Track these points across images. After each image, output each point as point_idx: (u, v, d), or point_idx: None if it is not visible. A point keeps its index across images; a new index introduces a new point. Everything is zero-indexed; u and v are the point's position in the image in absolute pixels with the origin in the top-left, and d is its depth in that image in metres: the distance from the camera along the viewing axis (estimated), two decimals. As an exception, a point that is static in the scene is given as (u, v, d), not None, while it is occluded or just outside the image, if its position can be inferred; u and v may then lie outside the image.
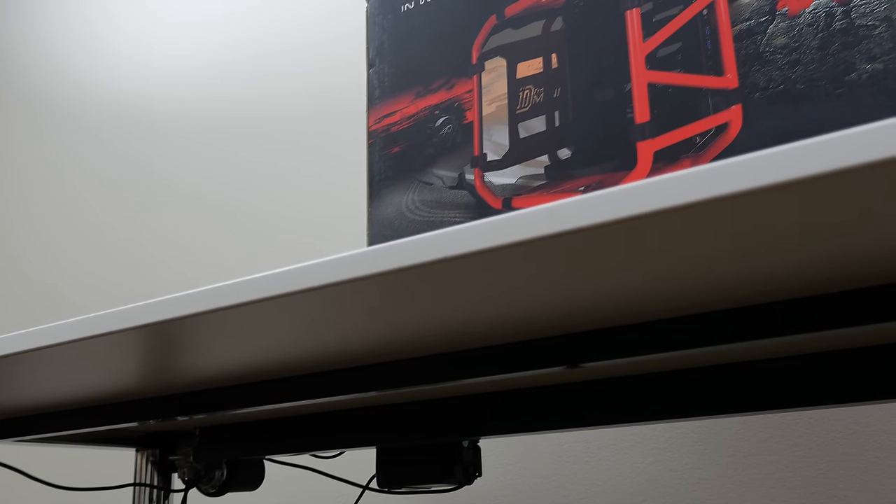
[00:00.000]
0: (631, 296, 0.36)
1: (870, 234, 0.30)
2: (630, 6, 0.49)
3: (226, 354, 0.49)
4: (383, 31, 0.60)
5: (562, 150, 0.50)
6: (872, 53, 0.41)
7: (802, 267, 0.33)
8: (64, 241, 1.49)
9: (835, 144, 0.24)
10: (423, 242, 0.33)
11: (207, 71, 1.37)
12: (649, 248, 0.29)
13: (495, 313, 0.39)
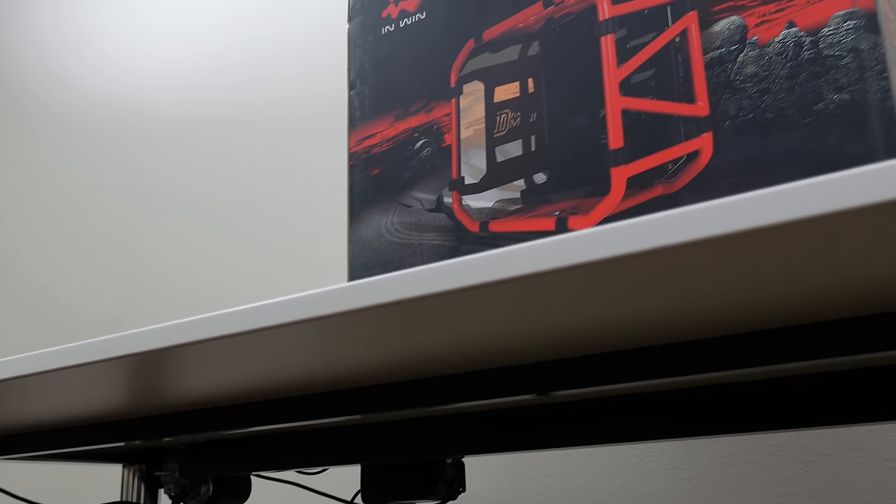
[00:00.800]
0: (591, 329, 0.36)
1: (851, 271, 0.30)
2: (604, 32, 0.50)
3: (212, 379, 0.50)
4: (364, 53, 0.60)
5: (537, 174, 0.50)
6: (839, 84, 0.41)
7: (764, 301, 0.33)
8: (57, 243, 1.50)
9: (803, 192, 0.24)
10: (396, 280, 0.33)
11: (199, 74, 1.38)
12: (593, 294, 0.29)
13: (468, 343, 0.40)
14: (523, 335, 0.37)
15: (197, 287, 1.27)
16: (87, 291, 1.42)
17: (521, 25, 0.53)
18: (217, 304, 1.23)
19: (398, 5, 0.59)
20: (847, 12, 0.42)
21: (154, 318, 1.29)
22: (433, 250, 0.53)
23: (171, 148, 1.38)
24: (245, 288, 1.21)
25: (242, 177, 1.27)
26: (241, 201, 1.26)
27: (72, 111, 1.56)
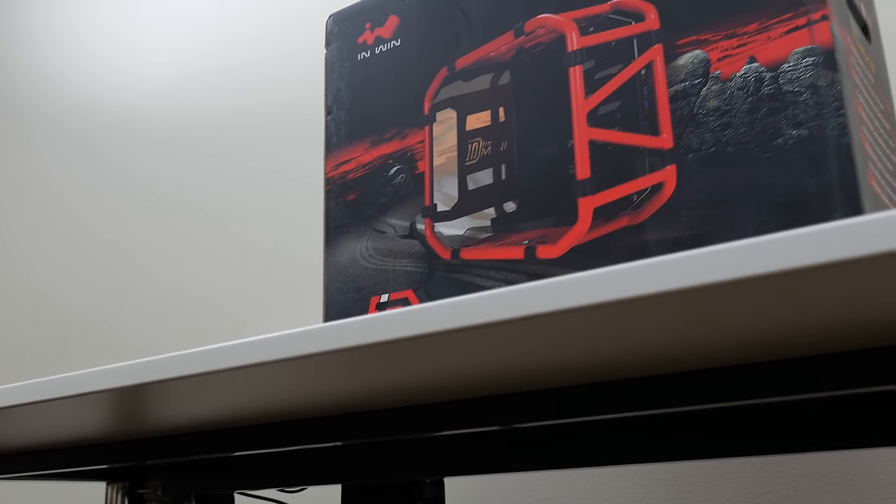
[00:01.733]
0: (543, 367, 0.37)
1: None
2: (573, 63, 0.50)
3: (193, 407, 0.51)
4: (340, 79, 0.61)
5: (507, 203, 0.51)
6: (798, 119, 0.42)
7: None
8: (49, 245, 1.50)
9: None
10: (371, 323, 0.34)
11: (191, 77, 1.39)
12: (545, 343, 0.30)
13: (439, 378, 0.40)
14: (508, 370, 0.38)
15: (187, 289, 1.27)
16: (78, 293, 1.42)
17: (492, 55, 0.54)
18: (209, 306, 1.23)
19: (374, 32, 0.60)
20: (806, 49, 0.42)
21: (146, 319, 1.29)
22: (406, 277, 0.54)
23: (163, 151, 1.38)
24: (237, 291, 1.22)
25: (235, 179, 1.28)
26: (234, 203, 1.27)
27: (64, 114, 1.57)
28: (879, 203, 0.43)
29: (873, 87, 0.50)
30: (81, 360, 1.36)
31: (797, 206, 0.41)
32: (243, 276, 1.22)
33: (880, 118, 0.50)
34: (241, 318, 1.18)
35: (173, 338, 1.25)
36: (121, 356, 1.30)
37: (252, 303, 1.19)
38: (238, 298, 1.20)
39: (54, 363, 1.40)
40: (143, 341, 1.28)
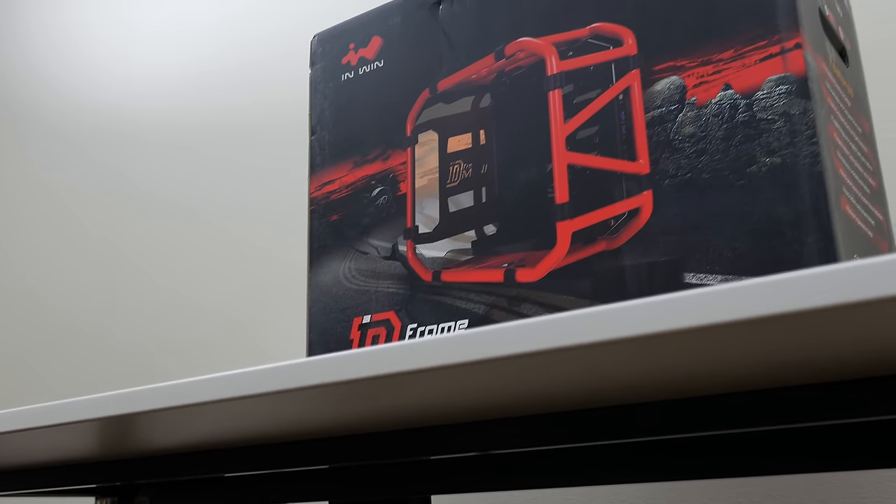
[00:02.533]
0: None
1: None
2: (552, 87, 0.51)
3: (180, 433, 0.51)
4: (325, 99, 0.61)
5: (487, 226, 0.51)
6: (771, 147, 0.42)
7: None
8: (45, 247, 1.51)
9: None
10: (349, 359, 0.34)
11: (186, 79, 1.39)
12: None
13: (436, 405, 0.41)
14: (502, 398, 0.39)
15: (185, 291, 1.27)
16: (73, 294, 1.42)
17: (473, 77, 0.54)
18: (205, 308, 1.24)
19: (357, 53, 0.60)
20: (779, 77, 0.43)
21: (141, 322, 1.30)
22: (388, 298, 0.54)
23: (158, 153, 1.38)
24: (233, 293, 1.22)
25: (231, 181, 1.28)
26: (230, 205, 1.27)
27: (59, 116, 1.57)
28: (853, 228, 0.44)
29: (850, 110, 0.51)
30: (77, 361, 1.36)
31: (771, 233, 0.41)
32: (240, 278, 1.22)
33: (857, 141, 0.51)
34: (238, 320, 1.19)
35: (169, 339, 1.25)
36: (116, 357, 1.30)
37: (248, 305, 1.19)
38: (234, 301, 1.21)
39: (51, 364, 1.40)
40: (138, 343, 1.29)
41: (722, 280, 0.42)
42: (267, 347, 1.11)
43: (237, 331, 1.17)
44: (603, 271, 0.46)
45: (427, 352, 0.26)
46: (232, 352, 1.15)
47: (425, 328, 0.52)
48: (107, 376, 1.29)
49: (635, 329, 0.27)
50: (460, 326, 0.50)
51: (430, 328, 0.52)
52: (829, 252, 0.40)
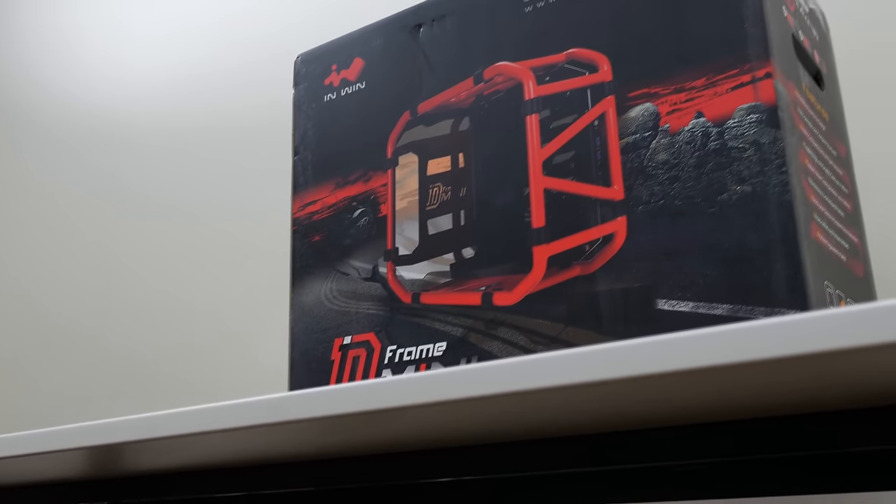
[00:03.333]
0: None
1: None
2: (529, 112, 0.51)
3: (166, 459, 0.51)
4: (307, 120, 0.62)
5: (466, 249, 0.52)
6: (742, 175, 0.43)
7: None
8: (39, 249, 1.51)
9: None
10: (327, 395, 0.34)
11: (179, 81, 1.39)
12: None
13: (422, 434, 0.41)
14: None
15: (180, 294, 1.28)
16: (67, 297, 1.43)
17: (453, 100, 0.55)
18: (199, 311, 1.24)
19: (340, 74, 0.61)
20: (750, 105, 0.43)
21: (135, 325, 1.30)
22: (368, 319, 0.55)
23: (152, 155, 1.39)
24: (228, 296, 1.22)
25: (226, 184, 1.29)
26: (226, 208, 1.27)
27: (53, 119, 1.57)
28: (824, 254, 0.44)
29: (824, 134, 0.51)
30: (71, 364, 1.36)
31: (741, 260, 0.42)
32: (234, 281, 1.22)
33: (832, 165, 0.51)
34: (230, 323, 1.19)
35: (162, 342, 1.25)
36: (110, 360, 1.31)
37: (242, 308, 1.19)
38: (228, 304, 1.21)
39: (44, 367, 1.40)
40: (132, 346, 1.29)
41: (693, 307, 0.43)
42: (259, 351, 1.12)
43: (230, 334, 1.18)
44: (578, 296, 0.46)
45: (394, 391, 0.27)
46: (224, 355, 1.15)
47: (404, 350, 0.52)
48: (101, 378, 1.30)
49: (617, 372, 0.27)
50: (438, 349, 0.51)
51: (409, 350, 0.52)
52: (798, 280, 0.40)
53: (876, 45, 0.73)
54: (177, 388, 1.18)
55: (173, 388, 1.18)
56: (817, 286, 0.42)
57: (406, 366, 0.52)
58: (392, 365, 0.52)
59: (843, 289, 0.47)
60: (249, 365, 1.12)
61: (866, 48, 0.74)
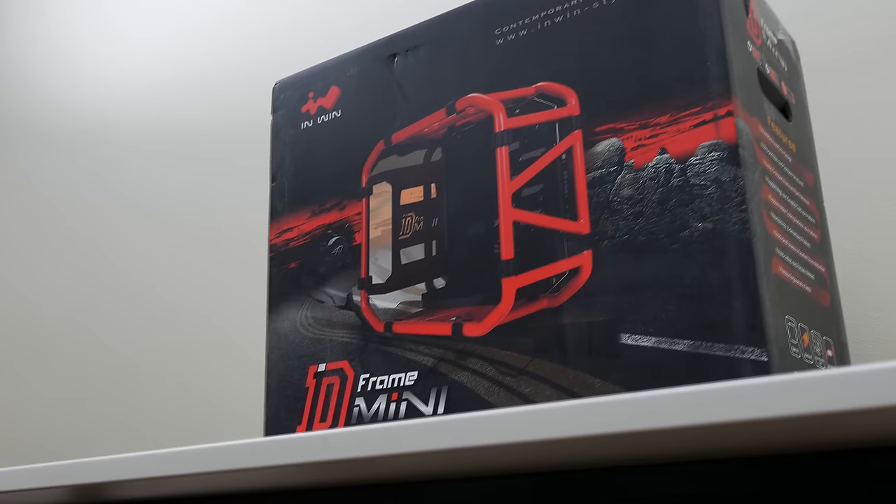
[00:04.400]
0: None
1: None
2: (499, 144, 0.52)
3: (152, 489, 0.52)
4: (284, 146, 0.62)
5: (437, 279, 0.52)
6: (703, 212, 0.43)
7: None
8: (31, 252, 1.51)
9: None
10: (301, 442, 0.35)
11: (171, 84, 1.40)
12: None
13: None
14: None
15: (169, 296, 1.28)
16: (57, 298, 1.43)
17: (426, 131, 0.55)
18: (192, 314, 1.24)
19: (317, 102, 0.62)
20: (712, 143, 0.44)
21: (127, 328, 1.30)
22: (342, 347, 0.55)
23: (143, 157, 1.39)
24: (220, 299, 1.23)
25: (218, 187, 1.29)
26: (220, 211, 1.28)
27: (44, 122, 1.58)
28: (786, 289, 0.45)
29: (791, 166, 0.52)
30: (61, 367, 1.37)
31: (702, 297, 0.42)
32: (226, 284, 1.23)
33: (798, 196, 0.52)
34: (223, 326, 1.19)
35: (153, 345, 1.26)
36: (101, 362, 1.31)
37: (234, 312, 1.20)
38: (220, 306, 1.21)
39: (33, 369, 1.41)
40: (123, 348, 1.29)
41: (656, 342, 0.43)
42: (251, 354, 1.12)
43: (220, 335, 1.18)
44: (545, 329, 0.47)
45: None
46: (216, 358, 1.16)
47: (377, 378, 0.53)
48: (92, 381, 1.30)
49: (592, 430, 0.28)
50: (410, 378, 0.51)
51: (381, 379, 0.53)
52: (756, 318, 0.41)
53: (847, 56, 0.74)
54: (169, 388, 1.19)
55: (165, 388, 1.19)
56: (777, 322, 0.42)
57: (378, 394, 0.52)
58: (365, 393, 0.53)
59: (807, 321, 0.47)
60: (241, 366, 1.12)
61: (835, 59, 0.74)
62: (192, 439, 1.12)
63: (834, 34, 0.75)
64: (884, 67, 0.72)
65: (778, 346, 0.41)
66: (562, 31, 0.51)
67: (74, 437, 1.29)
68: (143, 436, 1.18)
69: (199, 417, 1.13)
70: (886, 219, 0.69)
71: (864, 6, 0.74)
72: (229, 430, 1.09)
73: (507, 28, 0.53)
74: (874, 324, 0.68)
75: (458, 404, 0.49)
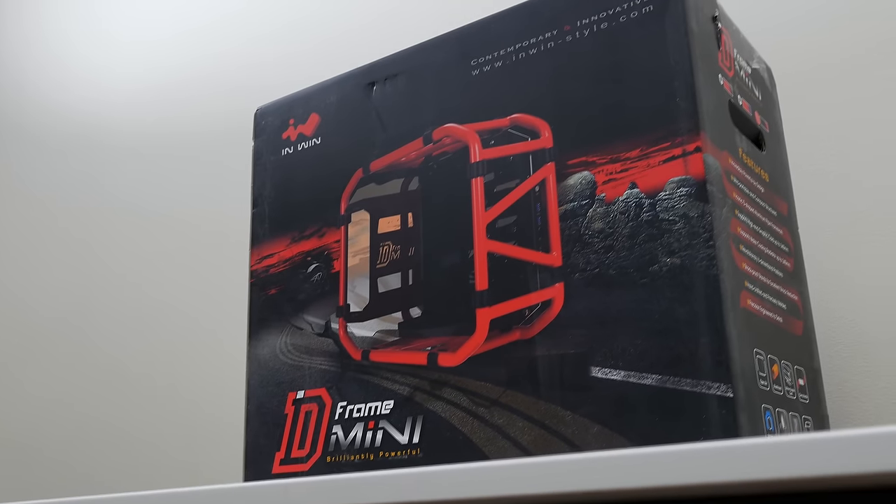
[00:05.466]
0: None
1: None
2: (475, 174, 0.52)
3: None
4: (265, 172, 0.63)
5: (413, 308, 0.53)
6: (672, 248, 0.44)
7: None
8: (24, 254, 1.52)
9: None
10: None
11: (160, 87, 1.40)
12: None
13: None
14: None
15: (163, 298, 1.28)
16: (51, 299, 1.44)
17: (403, 160, 0.56)
18: (185, 317, 1.25)
19: (297, 129, 0.62)
20: (680, 179, 0.44)
21: (120, 331, 1.31)
22: (321, 375, 0.56)
23: (135, 160, 1.40)
24: (214, 302, 1.23)
25: (211, 189, 1.30)
26: (214, 214, 1.28)
27: (35, 124, 1.59)
28: (755, 322, 0.45)
29: (764, 196, 0.52)
30: (55, 368, 1.37)
31: (669, 332, 0.43)
32: (219, 285, 1.23)
33: (770, 225, 0.52)
34: (215, 329, 1.20)
35: (145, 347, 1.26)
36: (93, 364, 1.31)
37: (228, 315, 1.20)
38: (213, 308, 1.22)
39: (28, 371, 1.41)
40: (115, 350, 1.30)
41: (625, 376, 0.44)
42: (241, 358, 1.13)
43: (212, 340, 1.18)
44: (517, 360, 0.48)
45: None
46: (206, 361, 1.17)
47: (354, 407, 0.53)
48: (84, 384, 1.31)
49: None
50: (386, 407, 0.52)
51: (358, 407, 0.53)
52: (723, 353, 0.41)
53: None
54: (159, 390, 1.19)
55: (156, 390, 1.19)
56: (745, 356, 0.43)
57: (356, 423, 0.53)
58: (342, 421, 0.54)
59: (778, 352, 0.48)
60: (233, 368, 1.13)
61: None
62: (180, 442, 1.12)
63: (804, 47, 0.76)
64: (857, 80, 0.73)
65: (744, 380, 0.42)
66: (536, 63, 0.51)
67: (64, 438, 1.30)
68: (133, 437, 1.19)
69: (188, 420, 1.13)
70: (852, 218, 0.69)
71: (828, 21, 0.75)
72: (217, 433, 1.10)
73: (483, 59, 0.54)
74: (849, 326, 0.68)
75: (432, 434, 0.50)
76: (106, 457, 1.22)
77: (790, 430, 0.46)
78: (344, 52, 1.17)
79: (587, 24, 0.50)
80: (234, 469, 1.07)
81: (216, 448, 1.09)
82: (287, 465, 0.55)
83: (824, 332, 0.69)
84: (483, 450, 0.47)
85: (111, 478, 1.19)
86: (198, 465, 1.10)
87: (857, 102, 0.73)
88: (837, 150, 0.73)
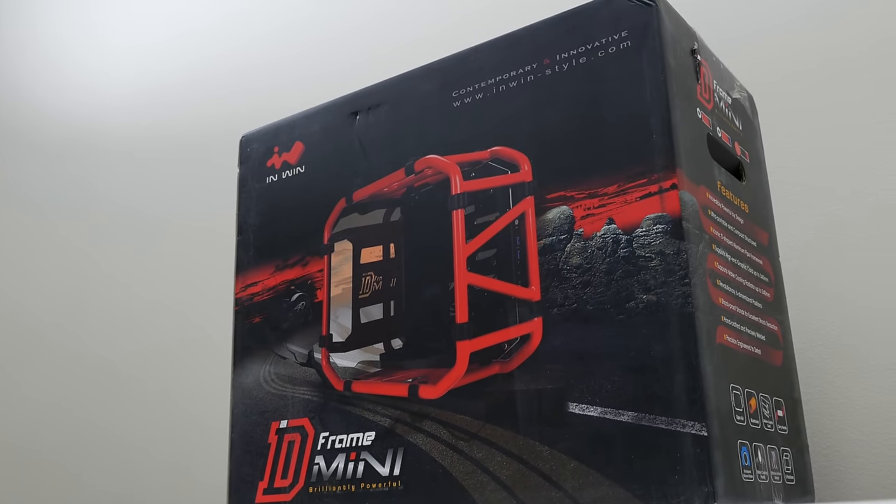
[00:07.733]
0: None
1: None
2: (456, 206, 0.53)
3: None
4: (250, 200, 0.63)
5: (395, 339, 0.53)
6: (648, 285, 0.44)
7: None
8: (20, 258, 1.52)
9: None
10: None
11: (155, 92, 1.41)
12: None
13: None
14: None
15: (159, 300, 1.28)
16: (47, 302, 1.44)
17: (385, 190, 0.56)
18: (180, 319, 1.25)
19: (281, 157, 0.62)
20: (657, 216, 0.45)
21: (115, 333, 1.31)
22: (304, 404, 0.56)
23: (130, 164, 1.40)
24: (210, 304, 1.23)
25: (207, 192, 1.30)
26: (210, 216, 1.28)
27: (31, 128, 1.59)
28: (732, 357, 0.46)
29: (743, 227, 0.53)
30: (50, 370, 1.37)
31: (645, 368, 0.43)
32: (214, 288, 1.23)
33: (749, 256, 0.53)
34: (210, 331, 1.20)
35: (139, 350, 1.26)
36: (87, 367, 1.31)
37: (223, 317, 1.20)
38: (209, 310, 1.22)
39: (24, 373, 1.41)
40: (109, 353, 1.30)
41: (602, 412, 0.44)
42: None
43: (208, 343, 1.19)
44: (496, 394, 0.48)
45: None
46: (200, 364, 1.17)
47: (336, 437, 0.54)
48: (78, 387, 1.31)
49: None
50: (368, 438, 0.52)
51: (340, 438, 0.53)
52: (697, 391, 0.42)
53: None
54: (155, 394, 1.19)
55: (152, 394, 1.20)
56: (720, 393, 0.43)
57: (338, 453, 0.53)
58: (325, 452, 0.54)
59: (755, 385, 0.48)
60: (226, 371, 1.13)
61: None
62: (173, 445, 1.13)
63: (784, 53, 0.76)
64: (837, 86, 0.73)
65: (719, 417, 0.42)
66: (516, 96, 0.52)
67: (58, 441, 1.30)
68: (127, 442, 1.19)
69: (181, 424, 1.14)
70: (833, 219, 0.70)
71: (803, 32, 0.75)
72: (210, 437, 1.10)
73: (464, 90, 0.54)
74: (829, 328, 0.69)
75: (413, 466, 0.50)
76: (99, 459, 1.22)
77: (767, 464, 0.47)
78: (342, 54, 1.18)
79: (566, 57, 0.50)
80: (226, 473, 1.07)
81: (209, 451, 1.10)
82: (270, 494, 0.55)
83: (803, 334, 0.70)
84: (462, 483, 0.47)
85: (104, 480, 1.20)
86: (189, 468, 1.10)
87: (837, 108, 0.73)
88: (815, 160, 0.73)
